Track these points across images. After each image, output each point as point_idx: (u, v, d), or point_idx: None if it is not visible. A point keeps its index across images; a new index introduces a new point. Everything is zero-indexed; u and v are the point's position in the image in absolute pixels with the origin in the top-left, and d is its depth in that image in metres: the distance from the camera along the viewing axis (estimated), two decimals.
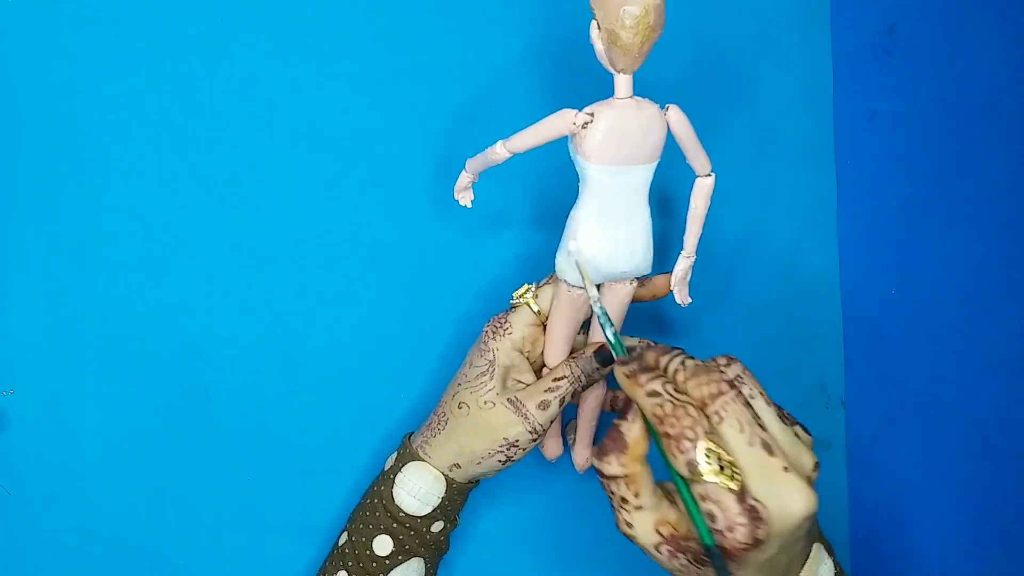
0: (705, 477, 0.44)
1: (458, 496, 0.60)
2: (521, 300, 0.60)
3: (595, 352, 0.59)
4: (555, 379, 0.58)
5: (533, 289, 0.60)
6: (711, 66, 0.71)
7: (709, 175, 0.56)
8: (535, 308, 0.60)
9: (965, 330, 0.70)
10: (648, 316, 0.70)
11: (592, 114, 0.51)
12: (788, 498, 0.44)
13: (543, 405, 0.58)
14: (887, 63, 0.71)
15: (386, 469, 0.61)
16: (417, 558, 0.59)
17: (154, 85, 0.65)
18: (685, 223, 0.58)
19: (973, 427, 0.70)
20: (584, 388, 0.59)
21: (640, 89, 0.52)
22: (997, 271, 0.71)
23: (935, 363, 0.71)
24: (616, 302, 0.58)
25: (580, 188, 0.54)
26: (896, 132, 0.71)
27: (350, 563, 0.59)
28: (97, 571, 0.63)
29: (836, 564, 0.53)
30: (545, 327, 0.60)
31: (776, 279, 0.71)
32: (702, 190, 0.57)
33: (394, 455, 0.61)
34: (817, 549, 0.51)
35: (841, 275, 0.71)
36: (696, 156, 0.55)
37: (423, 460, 0.59)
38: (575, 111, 0.51)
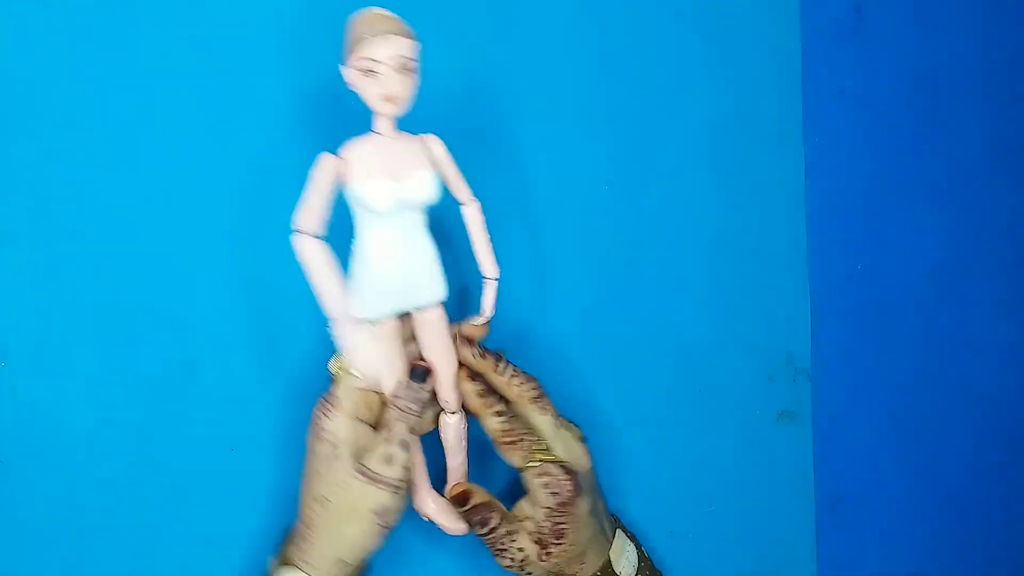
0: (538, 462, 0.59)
1: None
2: (338, 370, 0.58)
3: (410, 375, 0.58)
4: (388, 429, 0.57)
5: (339, 360, 0.59)
6: (680, 43, 0.71)
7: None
8: (356, 372, 0.58)
9: (930, 305, 0.72)
10: (613, 289, 0.70)
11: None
12: (582, 456, 0.61)
13: (387, 459, 0.56)
14: (855, 42, 0.72)
15: None
16: None
17: (143, 71, 0.65)
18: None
19: (937, 399, 0.72)
20: (421, 413, 0.58)
21: (613, 67, 0.53)
22: (962, 247, 0.72)
23: (900, 337, 0.72)
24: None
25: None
26: (863, 110, 0.72)
27: None
28: (85, 538, 0.64)
29: (643, 555, 0.65)
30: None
31: (744, 254, 0.72)
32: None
33: (274, 560, 0.59)
34: (619, 535, 0.64)
35: (808, 250, 0.72)
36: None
37: (296, 568, 0.57)
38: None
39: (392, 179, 0.54)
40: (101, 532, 0.64)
